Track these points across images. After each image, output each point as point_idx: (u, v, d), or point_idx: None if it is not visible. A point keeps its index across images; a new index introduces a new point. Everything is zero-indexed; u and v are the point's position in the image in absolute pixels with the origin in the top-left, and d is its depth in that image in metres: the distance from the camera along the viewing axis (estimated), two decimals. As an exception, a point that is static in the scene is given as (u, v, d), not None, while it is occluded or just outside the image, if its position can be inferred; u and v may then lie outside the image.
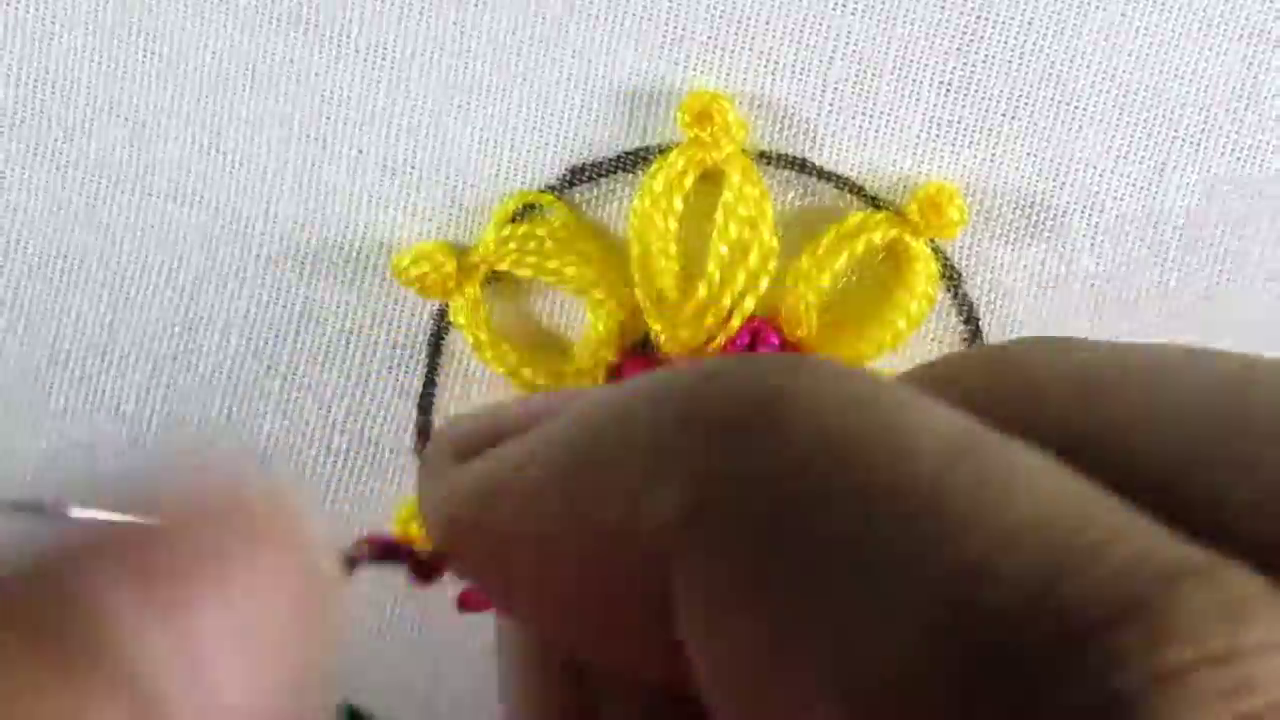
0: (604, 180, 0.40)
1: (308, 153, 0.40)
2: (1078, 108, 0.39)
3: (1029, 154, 0.39)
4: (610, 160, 0.40)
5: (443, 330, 0.41)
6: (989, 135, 0.39)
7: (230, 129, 0.40)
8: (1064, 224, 0.40)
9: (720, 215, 0.39)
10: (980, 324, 0.41)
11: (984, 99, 0.39)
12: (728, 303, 0.40)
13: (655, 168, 0.39)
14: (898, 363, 0.41)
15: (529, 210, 0.40)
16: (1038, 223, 0.40)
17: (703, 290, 0.40)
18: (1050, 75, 0.39)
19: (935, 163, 0.40)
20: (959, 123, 0.39)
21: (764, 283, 0.40)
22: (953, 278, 0.40)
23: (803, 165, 0.40)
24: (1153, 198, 0.40)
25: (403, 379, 0.41)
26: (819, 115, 0.39)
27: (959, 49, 0.39)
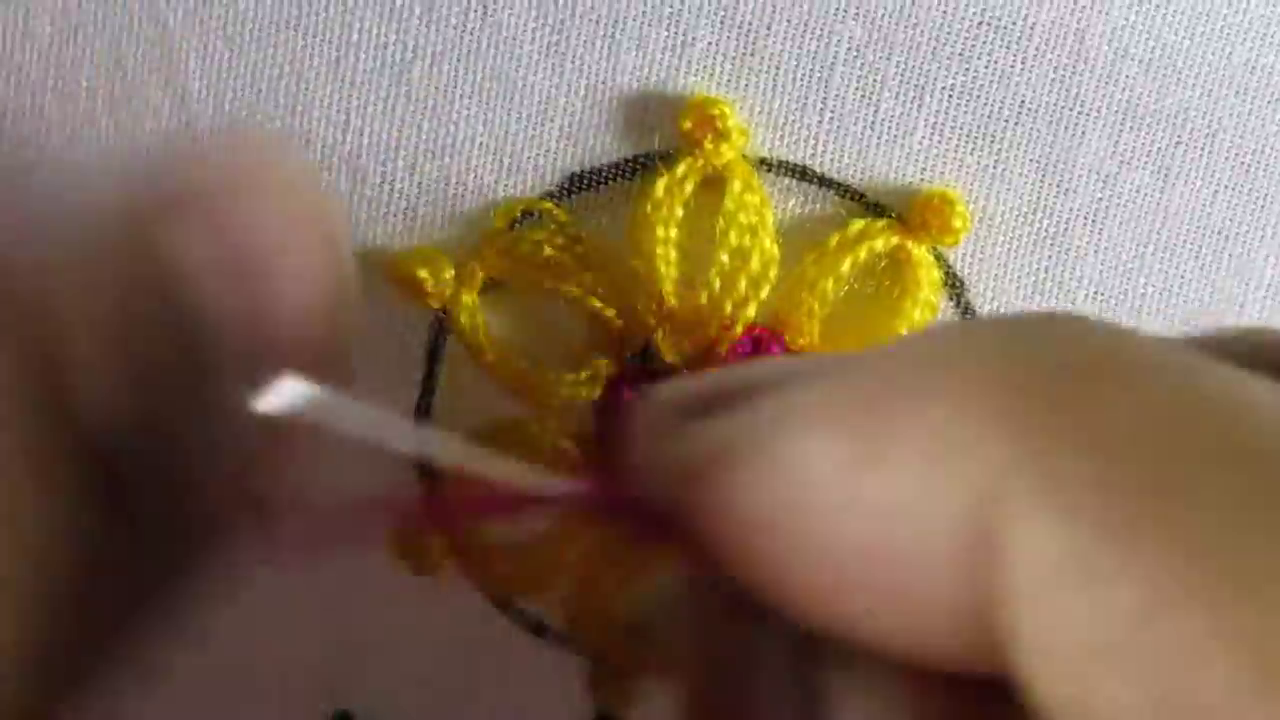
0: (604, 187, 0.40)
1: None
2: (1081, 114, 0.39)
3: (1032, 161, 0.39)
4: (610, 167, 0.40)
5: (440, 338, 0.41)
6: (992, 142, 0.39)
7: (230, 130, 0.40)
8: (1067, 231, 0.40)
9: (721, 223, 0.39)
10: (983, 333, 0.40)
11: (987, 105, 0.39)
12: (729, 311, 0.39)
13: (656, 175, 0.39)
14: (899, 372, 0.41)
15: (528, 217, 0.40)
16: (1041, 230, 0.40)
17: (704, 298, 0.39)
18: (1054, 82, 0.39)
19: (938, 170, 0.39)
20: (962, 129, 0.39)
21: (765, 291, 0.39)
22: (955, 286, 0.40)
23: (804, 172, 0.40)
24: (1157, 205, 0.39)
25: (400, 387, 0.41)
26: (821, 122, 0.39)
27: (961, 55, 0.39)
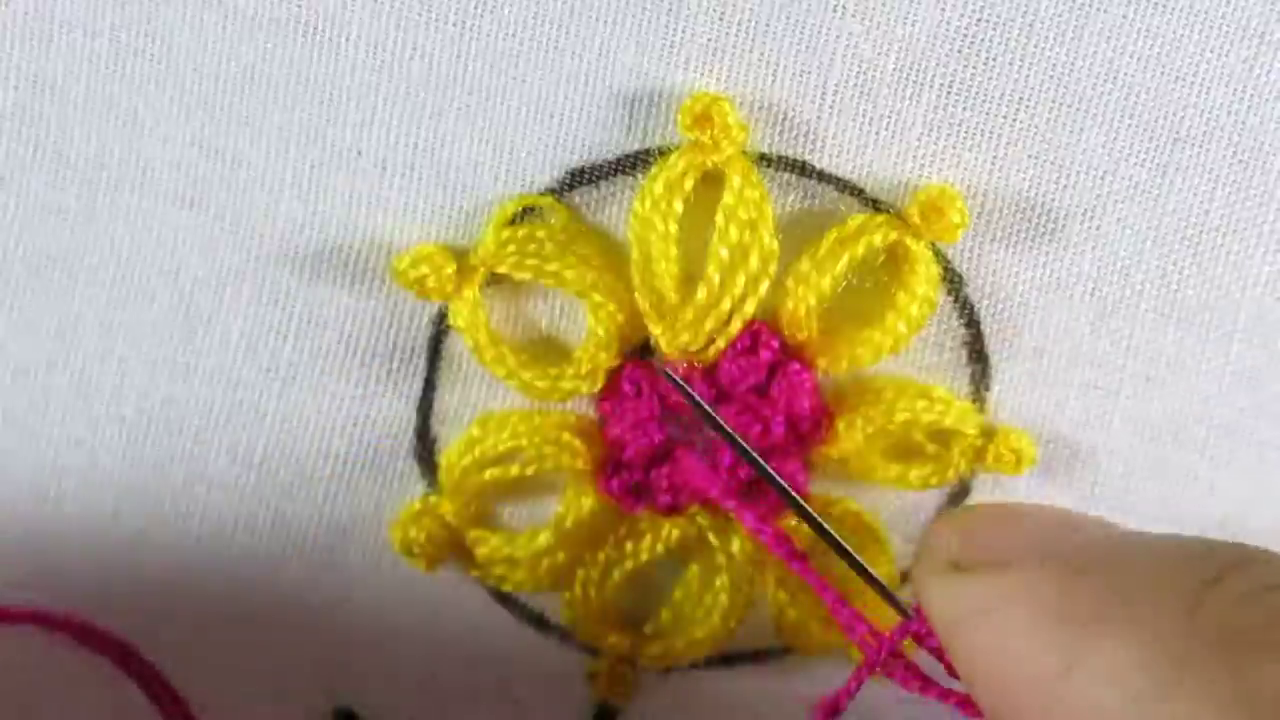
0: (604, 183, 0.40)
1: (307, 155, 0.40)
2: (1079, 110, 0.39)
3: (1030, 157, 0.39)
4: (610, 163, 0.40)
5: (442, 333, 0.41)
6: (990, 138, 0.39)
7: (229, 131, 0.40)
8: (1065, 227, 0.40)
9: (720, 218, 0.39)
10: (981, 327, 0.40)
11: (985, 102, 0.39)
12: (728, 306, 0.40)
13: (655, 170, 0.39)
14: (897, 365, 0.41)
15: (528, 213, 0.40)
16: (1039, 226, 0.40)
17: (703, 293, 0.39)
18: (1051, 78, 0.39)
19: (936, 165, 0.39)
20: (960, 125, 0.39)
21: (764, 286, 0.39)
22: (954, 281, 0.40)
23: (803, 168, 0.40)
24: (1154, 200, 0.40)
25: (402, 382, 0.41)
26: (820, 118, 0.39)
27: (960, 52, 0.39)
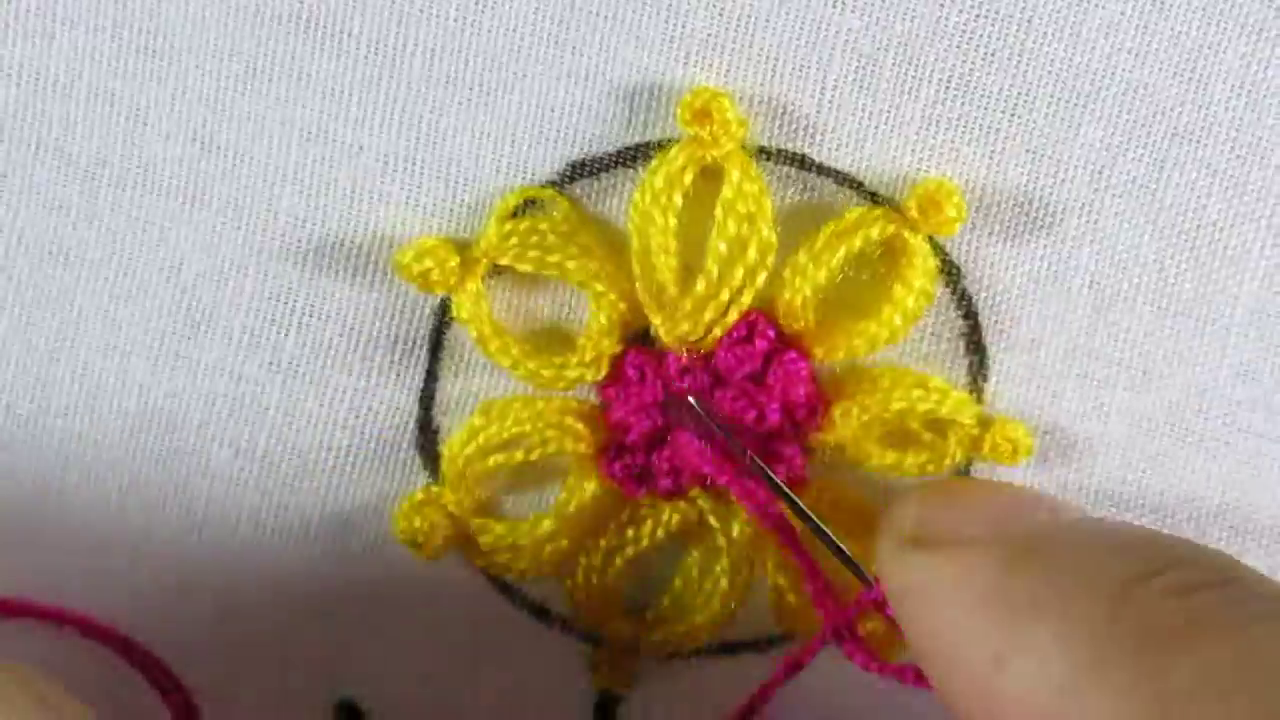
0: (604, 175, 0.40)
1: (309, 149, 0.40)
2: (1077, 105, 0.39)
3: (1028, 151, 0.39)
4: (611, 155, 0.40)
5: (444, 325, 0.41)
6: (988, 132, 0.39)
7: (231, 126, 0.40)
8: (1063, 221, 0.40)
9: (719, 212, 0.39)
10: (979, 319, 0.41)
11: (984, 96, 0.39)
12: (726, 297, 0.40)
13: (655, 164, 0.39)
14: (895, 355, 0.41)
15: (530, 205, 0.40)
16: (1037, 219, 0.40)
17: (701, 285, 0.40)
18: (1050, 73, 0.39)
19: (934, 159, 0.40)
20: (958, 119, 0.39)
21: (762, 277, 0.40)
22: (951, 273, 0.40)
23: (802, 161, 0.40)
24: (1152, 195, 0.40)
25: (403, 373, 0.41)
26: (819, 112, 0.39)
27: (958, 46, 0.39)
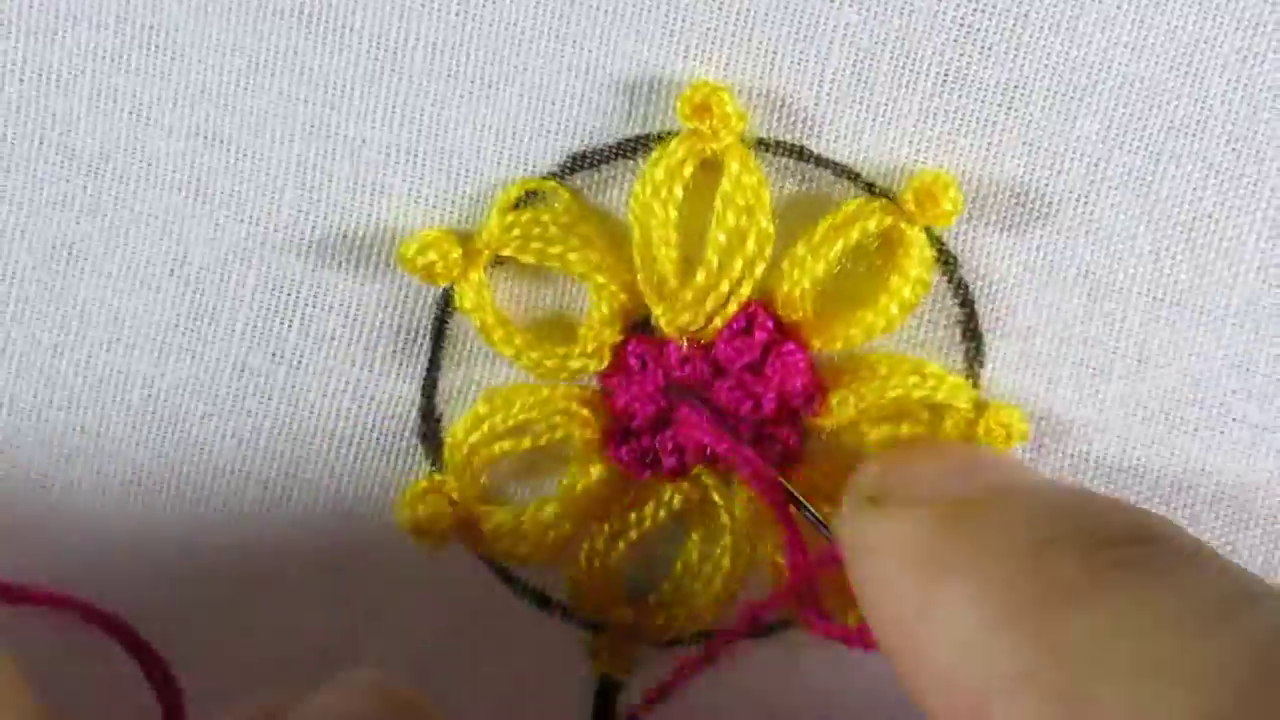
0: (605, 167, 0.40)
1: (311, 142, 0.40)
2: (1074, 98, 0.39)
3: (1025, 143, 0.40)
4: (611, 147, 0.40)
5: (446, 315, 0.41)
6: (985, 125, 0.40)
7: (234, 120, 0.40)
8: (1059, 212, 0.40)
9: (719, 203, 0.40)
10: (975, 307, 0.41)
11: (980, 89, 0.39)
12: (725, 288, 0.40)
13: (656, 156, 0.40)
14: (892, 343, 0.41)
15: (532, 197, 0.40)
16: (1033, 211, 0.40)
17: (701, 276, 0.40)
18: (1046, 66, 0.39)
19: (931, 151, 0.40)
20: (955, 112, 0.40)
21: (760, 268, 0.40)
22: (948, 262, 0.41)
23: (800, 153, 0.40)
24: (1148, 187, 0.40)
25: (406, 363, 0.42)
26: (817, 104, 0.40)
27: (956, 39, 0.39)
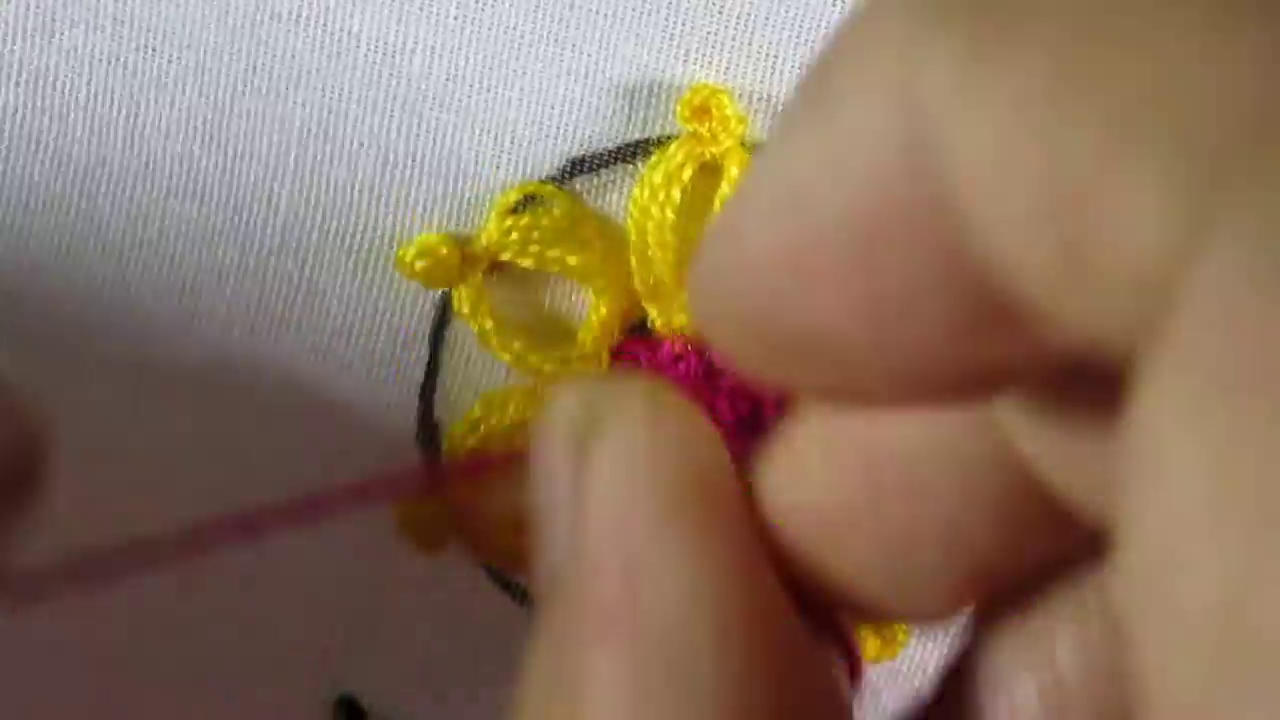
0: (604, 171, 0.41)
1: (308, 146, 0.40)
2: (1069, 102, 0.40)
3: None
4: (610, 152, 0.40)
5: (444, 321, 0.41)
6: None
7: (230, 124, 0.40)
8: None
9: (717, 206, 0.40)
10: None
11: (979, 93, 0.40)
12: (723, 290, 0.40)
13: (655, 160, 0.40)
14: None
15: (530, 201, 0.41)
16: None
17: (699, 278, 0.40)
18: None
19: (929, 154, 0.41)
20: (953, 115, 0.40)
21: (758, 270, 0.40)
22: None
23: (799, 157, 0.41)
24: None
25: (404, 369, 0.42)
26: (817, 108, 0.40)
27: (954, 44, 0.40)
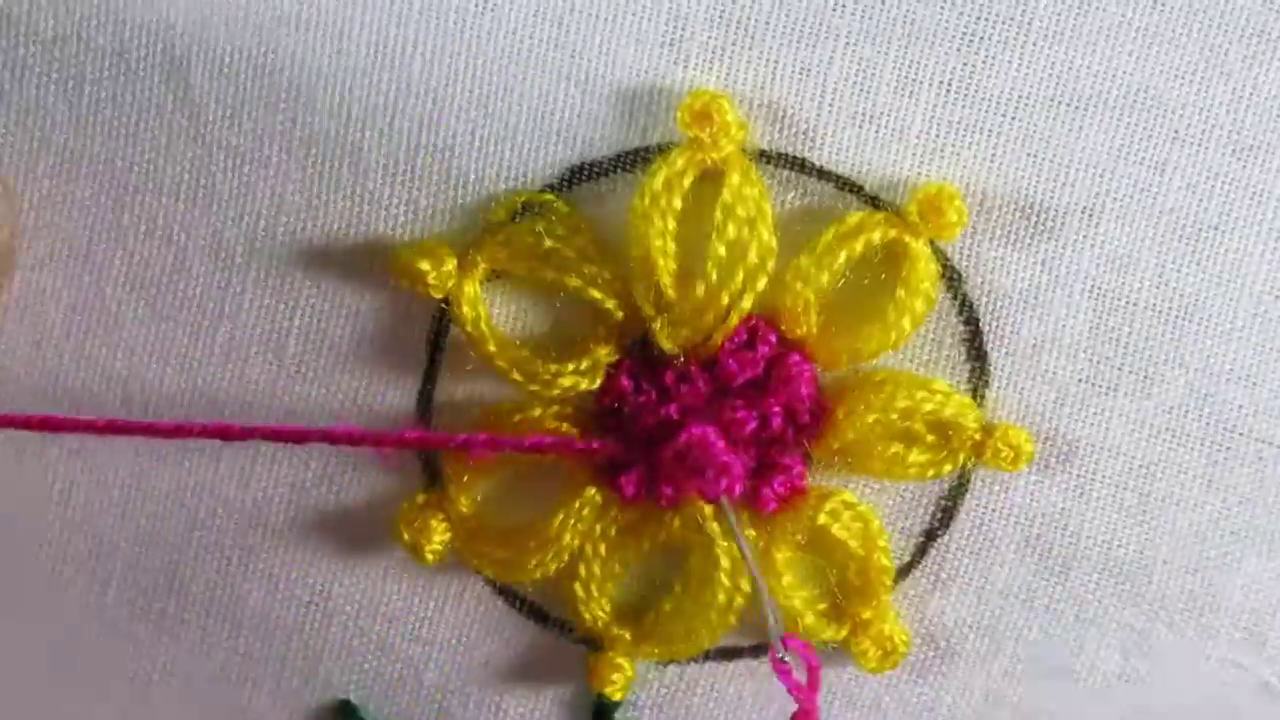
0: (604, 179, 0.40)
1: (311, 151, 0.40)
2: (1078, 109, 0.39)
3: (1029, 155, 0.39)
4: (610, 159, 0.40)
5: (442, 328, 0.41)
6: (989, 136, 0.39)
7: (235, 129, 0.40)
8: (1064, 224, 0.40)
9: (719, 215, 0.39)
10: (980, 324, 0.41)
11: (984, 100, 0.39)
12: (725, 301, 0.40)
13: (655, 167, 0.39)
14: (896, 362, 0.41)
15: (529, 209, 0.40)
16: (1038, 223, 0.40)
17: (700, 289, 0.40)
18: (1050, 76, 0.39)
19: (935, 163, 0.40)
20: (959, 123, 0.39)
21: (762, 281, 0.40)
22: (953, 278, 0.40)
23: (802, 165, 0.40)
24: (1153, 198, 0.40)
25: (403, 375, 0.42)
26: (819, 115, 0.39)
27: (959, 50, 0.39)
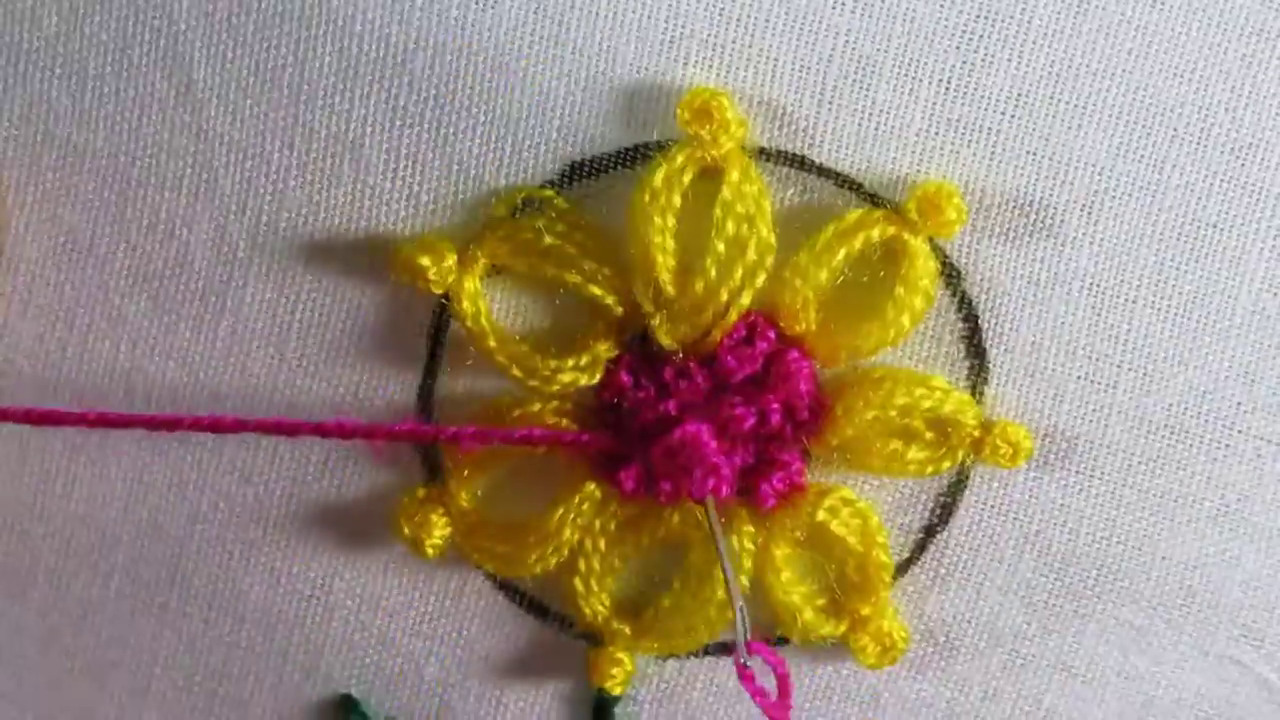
0: (603, 175, 0.40)
1: (312, 146, 0.40)
2: (1077, 106, 0.39)
3: (1028, 153, 0.39)
4: (610, 156, 0.40)
5: (443, 323, 0.41)
6: (988, 134, 0.39)
7: (238, 123, 0.40)
8: (1063, 222, 0.40)
9: (718, 212, 0.39)
10: (979, 321, 0.41)
11: (983, 97, 0.39)
12: (724, 298, 0.40)
13: (654, 164, 0.39)
14: (895, 359, 0.41)
15: (529, 205, 0.40)
16: (1037, 221, 0.40)
17: (699, 285, 0.40)
18: (1050, 74, 0.39)
19: (934, 161, 0.40)
20: (958, 121, 0.39)
21: (761, 278, 0.40)
22: (952, 275, 0.40)
23: (802, 162, 0.40)
24: (1152, 196, 0.40)
25: (404, 370, 0.42)
26: (818, 113, 0.39)
27: (958, 47, 0.39)
